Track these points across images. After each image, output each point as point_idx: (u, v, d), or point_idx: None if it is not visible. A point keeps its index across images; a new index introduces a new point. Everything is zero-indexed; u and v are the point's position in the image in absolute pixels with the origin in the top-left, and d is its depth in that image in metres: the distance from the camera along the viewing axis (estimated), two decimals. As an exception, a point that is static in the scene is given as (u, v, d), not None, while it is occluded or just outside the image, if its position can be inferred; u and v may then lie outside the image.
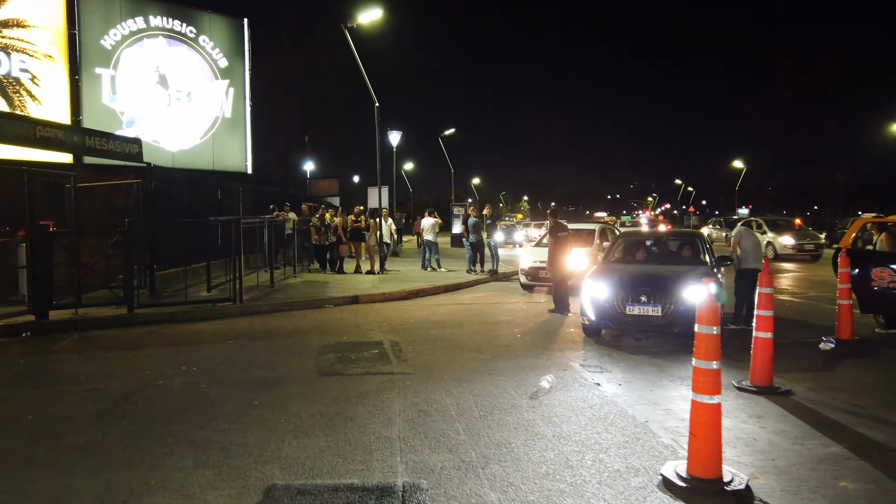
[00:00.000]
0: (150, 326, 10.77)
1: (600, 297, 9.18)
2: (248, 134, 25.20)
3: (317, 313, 12.19)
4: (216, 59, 24.03)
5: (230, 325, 10.84)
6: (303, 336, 9.81)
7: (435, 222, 19.39)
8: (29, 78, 19.42)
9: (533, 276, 14.80)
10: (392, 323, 10.98)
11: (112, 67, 21.48)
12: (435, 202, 68.69)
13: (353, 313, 12.17)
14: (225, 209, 18.47)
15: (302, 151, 41.62)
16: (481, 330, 10.28)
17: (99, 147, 12.16)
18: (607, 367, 7.77)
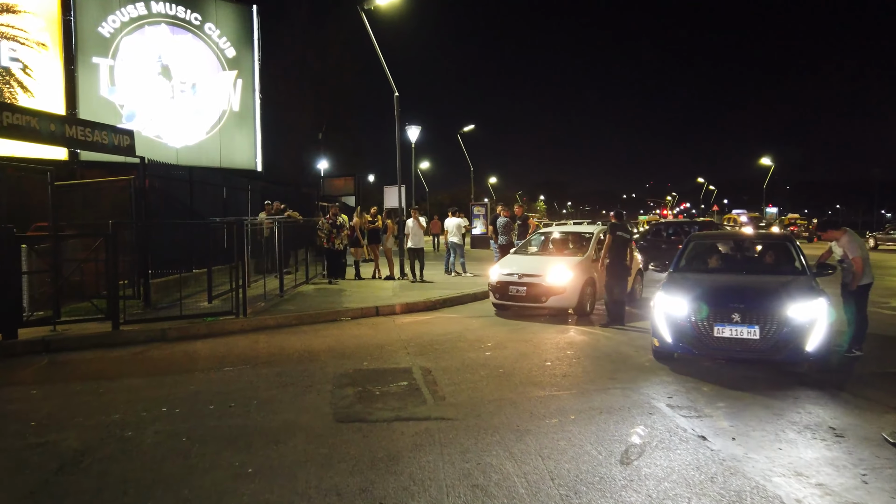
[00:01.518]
0: (137, 347, 9.16)
1: (678, 314, 7.47)
2: (258, 129, 23.63)
3: (332, 328, 10.54)
4: (223, 49, 22.48)
5: (230, 345, 9.22)
6: (315, 360, 8.16)
7: (460, 223, 17.70)
8: (20, 68, 17.95)
9: (502, 292, 11.39)
10: (420, 341, 9.31)
11: (110, 57, 19.97)
12: (451, 202, 67.04)
13: (374, 328, 10.52)
14: (231, 209, 16.93)
15: (315, 149, 40.07)
16: (528, 351, 8.58)
17: (82, 138, 10.58)
18: (704, 410, 6.05)
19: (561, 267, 11.13)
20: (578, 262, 11.47)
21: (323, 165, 41.85)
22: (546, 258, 12.07)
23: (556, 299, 10.89)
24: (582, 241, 12.68)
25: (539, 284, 10.98)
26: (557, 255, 12.22)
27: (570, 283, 10.90)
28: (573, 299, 10.92)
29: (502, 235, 16.47)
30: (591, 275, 11.36)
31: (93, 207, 13.00)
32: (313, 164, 41.38)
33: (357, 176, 32.07)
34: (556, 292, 10.86)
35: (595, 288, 11.48)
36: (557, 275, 10.96)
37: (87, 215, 12.93)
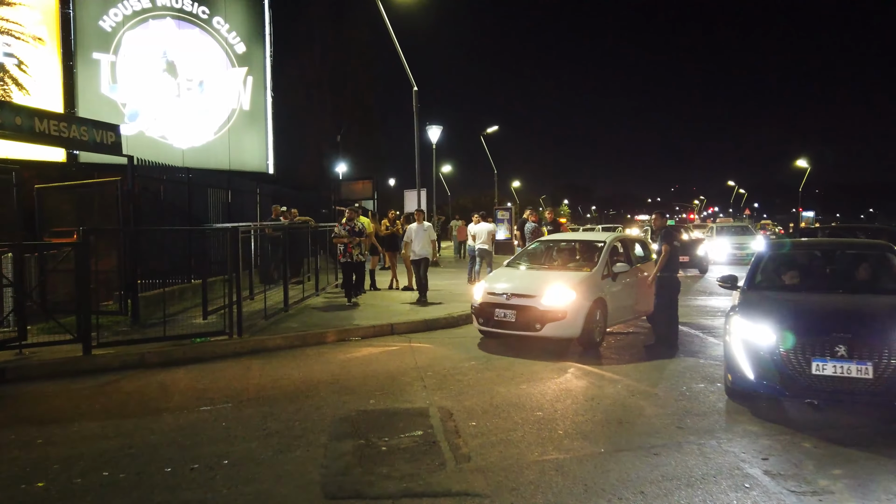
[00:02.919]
0: (109, 375, 7.82)
1: (762, 343, 5.94)
2: (270, 129, 22.36)
3: (338, 351, 9.13)
4: (232, 44, 21.26)
5: (217, 374, 7.83)
6: (312, 396, 6.74)
7: (492, 229, 16.23)
8: (15, 63, 16.81)
9: (486, 316, 9.15)
10: (439, 369, 7.85)
11: (112, 52, 18.83)
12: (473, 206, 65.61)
13: (387, 351, 9.08)
14: (236, 214, 15.64)
15: (334, 152, 38.82)
16: (570, 385, 7.09)
17: (55, 133, 9.28)
18: (817, 480, 4.53)
19: (560, 285, 8.84)
20: (584, 278, 9.15)
21: (341, 169, 40.65)
22: (544, 273, 9.84)
23: (553, 327, 8.58)
24: (591, 252, 10.18)
25: (532, 308, 8.71)
26: (559, 270, 9.96)
27: (573, 305, 8.58)
28: (576, 326, 8.62)
29: (530, 241, 14.96)
30: (601, 294, 9.13)
31: (85, 212, 11.73)
32: (331, 168, 40.19)
33: (375, 178, 30.76)
34: (554, 317, 8.58)
35: (605, 311, 9.21)
36: (556, 295, 8.67)
37: (77, 221, 11.67)
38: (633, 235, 12.38)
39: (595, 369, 7.82)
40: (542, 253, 11.08)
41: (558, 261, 10.66)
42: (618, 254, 10.21)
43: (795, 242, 9.26)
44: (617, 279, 9.62)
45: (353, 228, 12.97)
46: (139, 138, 18.96)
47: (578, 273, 9.42)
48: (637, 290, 10.32)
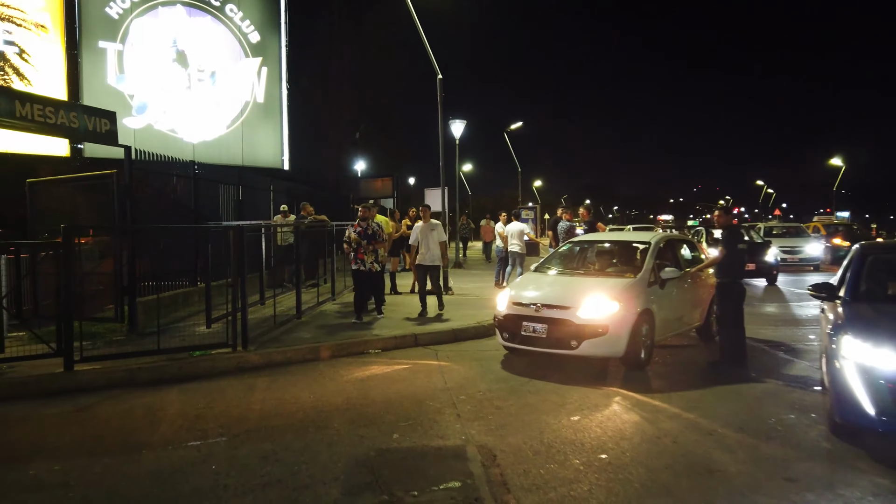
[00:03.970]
0: (90, 396, 6.74)
1: (886, 369, 4.72)
2: (285, 123, 21.32)
3: (355, 367, 7.99)
4: (246, 33, 20.23)
5: (214, 396, 6.72)
6: (324, 428, 5.60)
7: (523, 229, 15.02)
8: (16, 52, 15.92)
9: (511, 329, 7.91)
10: (473, 392, 6.69)
11: (119, 41, 17.86)
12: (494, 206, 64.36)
13: (410, 368, 7.94)
14: (248, 212, 14.60)
15: (353, 149, 37.81)
16: (632, 418, 5.89)
17: (40, 119, 8.22)
18: None
19: (600, 294, 7.58)
20: (628, 286, 7.87)
21: (360, 167, 39.63)
22: (580, 279, 8.51)
23: (592, 344, 7.32)
24: (634, 255, 8.95)
25: (567, 321, 7.45)
26: (597, 276, 8.65)
27: (616, 318, 7.34)
28: (619, 343, 7.36)
29: (563, 242, 13.75)
30: (648, 305, 7.84)
31: (80, 209, 10.71)
32: (350, 165, 39.17)
33: (396, 176, 29.65)
34: (593, 333, 7.34)
35: (653, 325, 7.91)
36: (595, 306, 7.43)
37: (71, 218, 10.67)
38: (679, 235, 11.05)
39: (650, 398, 6.59)
40: (576, 256, 9.80)
41: (595, 265, 9.34)
42: (665, 256, 8.91)
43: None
44: (665, 286, 8.35)
45: (365, 231, 10.46)
46: (147, 132, 18.02)
47: (621, 280, 8.14)
48: (687, 298, 9.09)
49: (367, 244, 10.39)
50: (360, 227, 10.52)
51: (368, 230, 10.49)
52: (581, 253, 9.84)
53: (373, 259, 10.47)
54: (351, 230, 10.58)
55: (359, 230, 10.49)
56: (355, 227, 10.59)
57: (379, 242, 10.60)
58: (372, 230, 10.53)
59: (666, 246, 9.05)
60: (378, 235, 10.57)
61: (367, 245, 10.39)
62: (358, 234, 10.44)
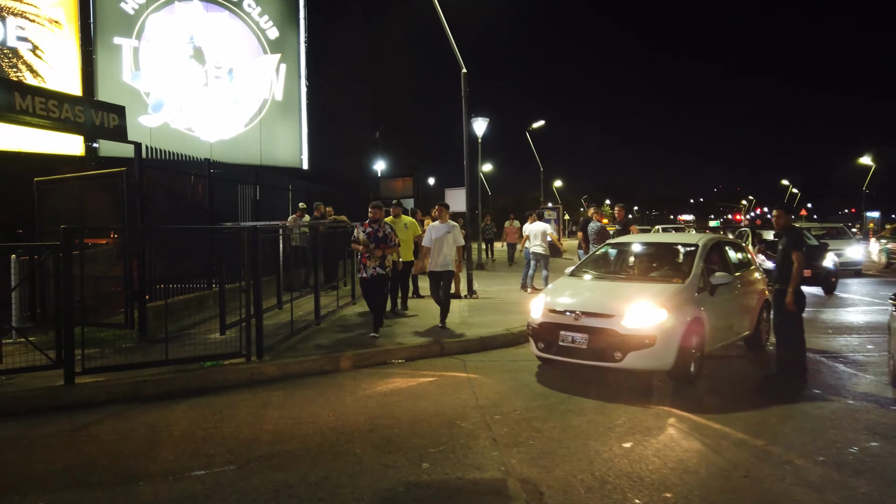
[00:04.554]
0: (90, 413, 6.18)
1: None
2: (304, 121, 20.79)
3: (378, 379, 7.37)
4: (264, 29, 19.73)
5: (223, 413, 6.14)
6: (344, 454, 4.99)
7: (546, 229, 14.35)
8: (29, 48, 15.56)
9: (548, 339, 7.27)
10: (508, 411, 6.04)
11: (135, 37, 17.44)
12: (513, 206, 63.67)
13: (437, 381, 7.30)
14: (265, 212, 14.05)
15: (373, 149, 37.28)
16: (694, 445, 5.21)
17: (42, 113, 7.71)
18: None
19: (646, 301, 6.91)
20: (677, 292, 7.17)
21: (380, 166, 39.11)
22: (621, 285, 7.87)
23: (638, 356, 6.68)
24: (678, 258, 8.31)
25: (610, 331, 6.80)
26: (640, 281, 7.95)
27: (664, 327, 6.70)
28: (668, 356, 6.71)
29: (594, 244, 13.06)
30: (698, 313, 7.16)
31: (92, 209, 10.22)
32: (370, 165, 38.68)
33: (416, 176, 29.00)
34: (639, 344, 6.68)
35: (703, 335, 7.20)
36: (641, 314, 6.78)
37: (81, 219, 10.20)
38: (727, 237, 10.29)
39: (708, 420, 5.88)
40: (614, 259, 9.12)
41: (636, 269, 8.65)
42: (712, 260, 8.20)
43: None
44: (716, 293, 7.65)
45: (375, 233, 9.31)
46: (164, 130, 17.59)
47: (668, 285, 7.42)
48: (738, 306, 8.38)
49: (375, 247, 9.23)
50: (370, 229, 9.37)
51: (379, 232, 9.34)
52: (620, 256, 9.16)
53: (376, 263, 9.25)
54: (360, 230, 9.43)
55: (368, 231, 9.36)
56: (365, 228, 9.43)
57: (390, 247, 9.47)
58: (384, 232, 9.38)
59: (713, 248, 8.33)
60: (389, 239, 9.41)
61: (374, 248, 9.22)
62: (367, 236, 9.33)
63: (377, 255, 9.20)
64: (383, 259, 9.37)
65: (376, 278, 9.30)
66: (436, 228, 10.13)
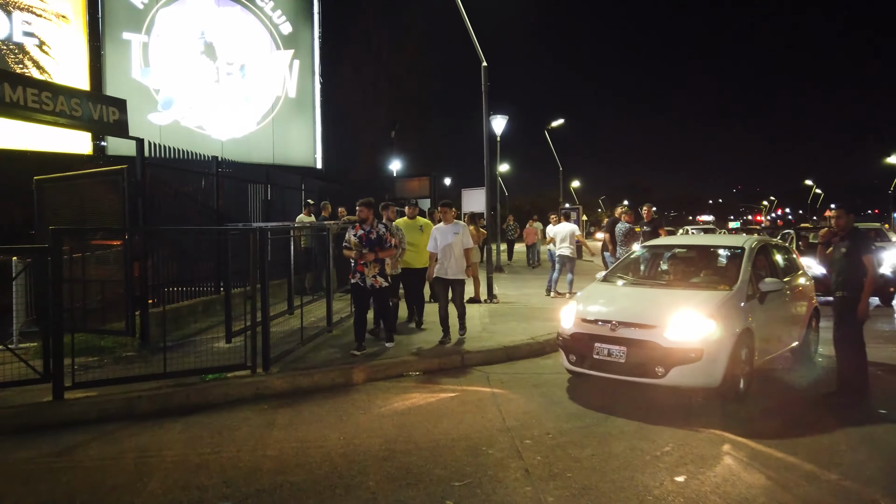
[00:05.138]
0: (76, 434, 5.60)
1: None
2: (318, 119, 20.20)
3: (393, 395, 6.74)
4: (277, 24, 19.18)
5: (223, 435, 5.53)
6: (356, 487, 4.37)
7: (574, 230, 13.67)
8: (35, 44, 15.07)
9: (581, 352, 6.58)
10: (540, 435, 5.39)
11: (144, 32, 16.91)
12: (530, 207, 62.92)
13: (458, 397, 6.66)
14: (276, 212, 13.53)
15: (387, 148, 36.66)
16: (753, 480, 4.52)
17: (33, 104, 7.15)
18: None
19: (691, 311, 6.23)
20: (725, 300, 6.45)
21: (396, 166, 38.51)
22: (661, 292, 7.11)
23: (683, 372, 5.97)
24: (722, 262, 7.77)
25: (651, 344, 6.13)
26: (681, 288, 7.16)
27: (712, 340, 6.02)
28: (716, 372, 6.00)
29: (622, 246, 12.36)
30: (747, 324, 6.46)
31: (93, 208, 9.69)
32: (385, 165, 38.11)
33: (434, 175, 28.40)
34: (684, 358, 5.98)
35: (752, 347, 6.53)
36: (686, 325, 6.10)
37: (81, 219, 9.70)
38: (773, 239, 9.54)
39: (769, 447, 5.16)
40: (649, 263, 8.42)
41: (675, 274, 7.94)
42: (760, 264, 7.49)
43: None
44: (765, 301, 6.95)
45: (367, 234, 8.22)
46: (174, 128, 17.06)
47: (714, 292, 6.69)
48: (788, 315, 7.68)
49: (369, 251, 8.15)
50: (362, 231, 8.27)
51: (372, 234, 8.25)
52: (655, 260, 8.48)
53: (376, 272, 8.23)
54: (351, 233, 8.34)
55: (360, 234, 8.25)
56: (356, 230, 8.33)
57: (386, 250, 8.34)
58: (377, 234, 8.28)
59: (760, 251, 7.61)
60: (385, 241, 8.32)
61: (366, 253, 8.13)
62: (359, 239, 8.23)
63: (370, 258, 8.13)
64: (383, 266, 8.38)
65: (376, 291, 8.30)
66: (441, 231, 8.91)
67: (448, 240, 8.78)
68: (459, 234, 8.84)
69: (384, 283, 8.37)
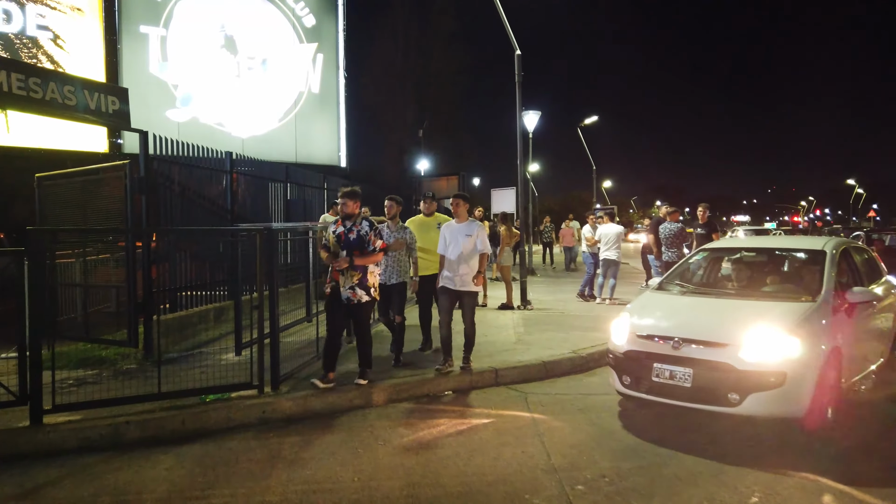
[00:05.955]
0: (51, 466, 4.83)
1: None
2: (342, 115, 19.47)
3: (417, 422, 5.87)
4: (300, 17, 18.48)
5: (217, 472, 4.70)
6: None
7: (620, 232, 12.68)
8: (49, 38, 14.55)
9: (637, 373, 5.63)
10: (593, 478, 4.48)
11: (162, 25, 16.33)
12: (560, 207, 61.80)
13: (495, 426, 5.75)
14: (297, 212, 12.76)
15: (414, 147, 35.85)
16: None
17: (19, 92, 6.42)
18: None
19: (770, 326, 5.27)
20: (809, 313, 5.45)
21: (424, 165, 37.72)
22: (730, 303, 6.07)
23: (762, 400, 4.99)
24: (799, 268, 6.79)
25: (723, 365, 5.15)
26: (753, 298, 6.09)
27: (798, 361, 5.05)
28: (801, 399, 5.03)
29: (670, 249, 11.34)
30: (836, 341, 5.50)
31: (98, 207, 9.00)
32: (412, 164, 37.33)
33: (463, 174, 27.49)
34: (764, 384, 4.99)
35: (840, 368, 5.56)
36: (765, 343, 5.14)
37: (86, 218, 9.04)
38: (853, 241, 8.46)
39: (873, 497, 4.21)
40: (709, 269, 7.45)
41: (741, 281, 6.89)
42: (844, 270, 6.47)
43: None
44: (854, 313, 5.94)
45: (347, 234, 6.46)
46: (192, 125, 16.45)
47: (794, 304, 5.69)
48: (875, 329, 6.66)
49: (347, 255, 6.35)
50: (341, 228, 6.52)
51: (351, 233, 6.43)
52: (714, 264, 7.50)
53: (354, 282, 6.38)
54: (331, 230, 6.64)
55: (339, 232, 6.52)
56: (336, 227, 6.60)
57: (367, 256, 6.40)
58: (357, 234, 6.42)
59: (842, 256, 6.58)
60: (367, 243, 6.42)
61: (342, 259, 6.33)
62: (337, 238, 6.51)
63: (342, 265, 6.31)
64: (364, 276, 6.43)
65: (352, 307, 6.44)
66: (452, 230, 7.21)
67: (459, 241, 7.09)
68: (473, 236, 7.10)
69: (364, 298, 6.46)
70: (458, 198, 7.29)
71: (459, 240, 7.10)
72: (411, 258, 7.75)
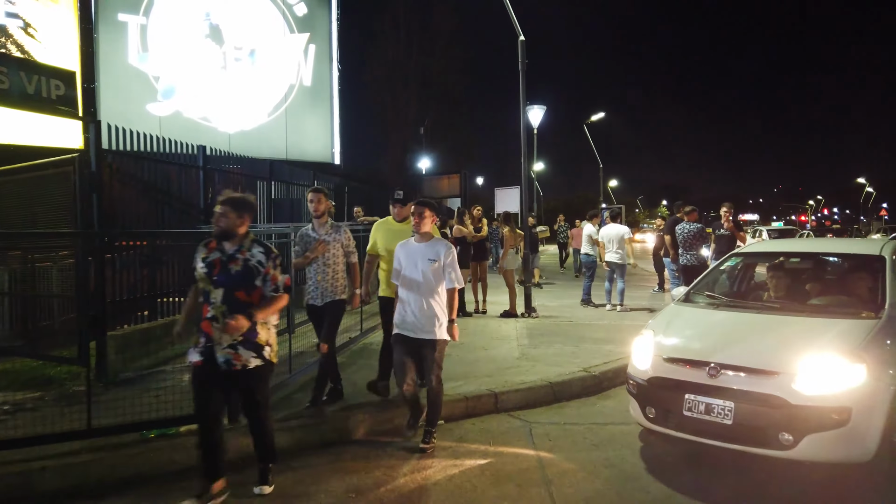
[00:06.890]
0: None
1: None
2: (336, 109, 18.53)
3: (399, 464, 4.88)
4: (291, 5, 17.52)
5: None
6: None
7: (624, 234, 11.72)
8: (20, 26, 13.60)
9: (665, 404, 4.62)
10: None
11: (142, 13, 15.39)
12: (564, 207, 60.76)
13: (494, 468, 4.77)
14: (283, 213, 11.83)
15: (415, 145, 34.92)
16: None
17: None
18: None
19: (829, 352, 4.27)
20: (874, 333, 4.46)
21: (425, 164, 36.78)
22: (774, 319, 5.05)
23: (821, 441, 4.05)
24: (850, 276, 5.71)
25: (773, 398, 4.17)
26: (801, 314, 5.08)
27: (863, 393, 4.10)
28: (868, 440, 4.07)
29: (689, 252, 10.35)
30: None
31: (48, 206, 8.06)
32: (414, 163, 36.40)
33: (464, 173, 26.52)
34: (824, 421, 4.04)
35: None
36: (825, 371, 4.17)
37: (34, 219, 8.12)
38: None
39: None
40: (742, 277, 6.46)
41: (781, 292, 5.81)
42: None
43: None
44: None
45: (224, 264, 4.17)
46: (175, 120, 15.53)
47: (856, 322, 4.66)
48: None
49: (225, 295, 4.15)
50: (216, 254, 4.25)
51: (233, 264, 4.18)
52: (746, 271, 6.50)
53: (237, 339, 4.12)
54: (199, 256, 4.30)
55: (212, 259, 4.25)
56: (209, 251, 4.30)
57: (265, 305, 4.18)
58: (244, 265, 4.19)
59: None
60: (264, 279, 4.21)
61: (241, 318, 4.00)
62: (209, 269, 4.24)
63: (242, 327, 4.03)
64: (253, 331, 4.14)
65: (240, 374, 4.18)
66: (408, 252, 5.19)
67: (417, 268, 5.08)
68: (439, 262, 5.07)
69: (252, 363, 4.19)
70: (422, 205, 5.11)
71: (419, 265, 5.07)
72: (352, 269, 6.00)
